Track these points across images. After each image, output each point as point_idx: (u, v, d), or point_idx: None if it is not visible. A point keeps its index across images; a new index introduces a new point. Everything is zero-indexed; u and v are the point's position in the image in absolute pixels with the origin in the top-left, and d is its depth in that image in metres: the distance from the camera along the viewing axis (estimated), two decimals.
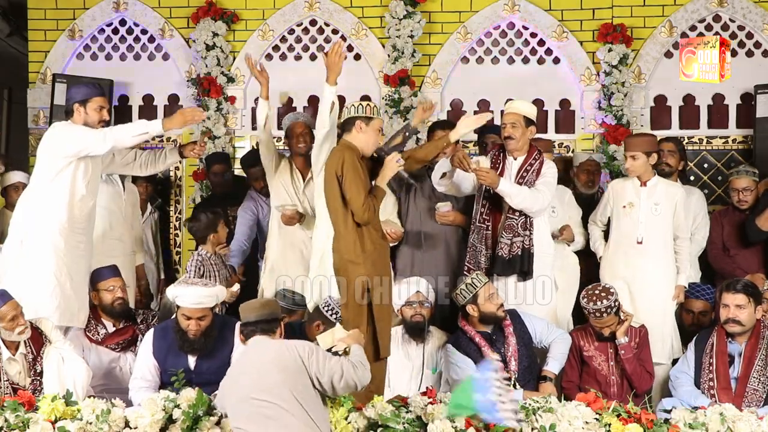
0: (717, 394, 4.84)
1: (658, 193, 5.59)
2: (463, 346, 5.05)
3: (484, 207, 5.38)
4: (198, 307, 4.76)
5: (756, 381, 4.84)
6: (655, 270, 5.53)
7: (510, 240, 5.28)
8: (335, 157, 4.81)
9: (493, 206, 5.37)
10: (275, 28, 7.28)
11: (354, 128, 4.83)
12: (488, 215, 5.37)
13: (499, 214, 5.35)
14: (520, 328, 5.11)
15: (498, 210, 5.36)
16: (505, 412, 3.90)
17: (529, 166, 5.36)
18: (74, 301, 5.14)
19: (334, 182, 4.75)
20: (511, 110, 5.38)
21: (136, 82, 7.40)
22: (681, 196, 5.63)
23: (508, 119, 5.36)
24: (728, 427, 4.26)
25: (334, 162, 4.77)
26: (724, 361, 4.92)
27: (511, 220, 5.30)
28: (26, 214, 5.17)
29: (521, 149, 5.38)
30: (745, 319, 4.89)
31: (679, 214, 5.60)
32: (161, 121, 5.17)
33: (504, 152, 5.44)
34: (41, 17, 7.43)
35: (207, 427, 4.23)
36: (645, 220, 5.55)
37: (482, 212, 5.38)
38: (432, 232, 5.68)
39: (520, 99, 5.76)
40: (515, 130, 5.32)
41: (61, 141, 5.11)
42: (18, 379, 4.73)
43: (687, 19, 7.07)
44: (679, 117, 7.14)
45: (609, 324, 5.08)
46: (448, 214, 5.59)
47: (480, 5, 7.18)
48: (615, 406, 4.32)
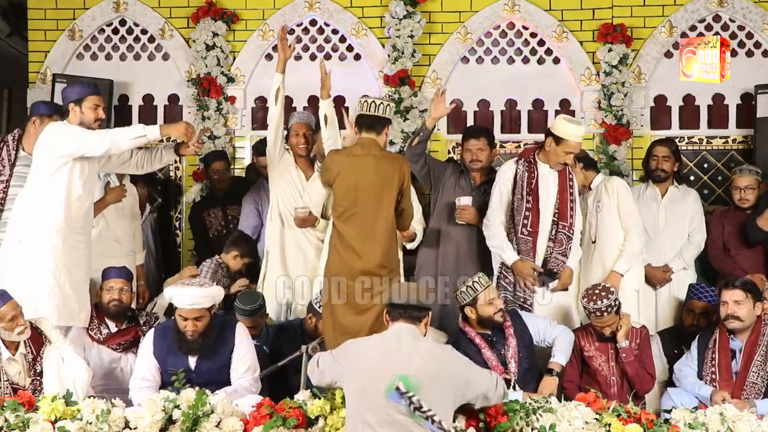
0: (719, 385, 4.95)
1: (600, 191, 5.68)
2: (463, 347, 5.03)
3: (527, 219, 5.42)
4: (194, 307, 4.75)
5: (755, 375, 4.94)
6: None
7: (561, 252, 5.40)
8: (402, 165, 4.89)
9: (535, 219, 5.43)
10: (275, 28, 7.25)
11: (384, 131, 4.91)
12: (531, 227, 5.42)
13: (538, 225, 5.42)
14: (521, 328, 5.11)
15: (538, 222, 5.42)
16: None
17: (570, 181, 5.49)
18: (74, 301, 5.14)
19: (394, 189, 4.81)
20: (578, 141, 5.45)
21: (136, 82, 7.39)
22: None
23: (576, 149, 5.45)
24: (728, 427, 4.26)
25: (402, 170, 4.84)
26: (726, 355, 5.01)
27: (561, 234, 5.40)
28: (24, 214, 5.17)
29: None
30: (743, 314, 4.97)
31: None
32: (159, 127, 5.20)
33: (537, 163, 5.49)
34: (41, 17, 7.43)
35: (207, 428, 4.23)
36: (592, 219, 5.66)
37: (525, 224, 5.42)
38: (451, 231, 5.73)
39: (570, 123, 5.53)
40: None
41: (57, 141, 5.11)
42: (18, 379, 4.73)
43: (687, 19, 7.07)
44: (679, 117, 7.14)
45: (610, 323, 5.08)
46: (467, 207, 5.60)
47: (480, 5, 7.18)
48: (615, 406, 4.32)
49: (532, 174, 5.47)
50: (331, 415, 4.26)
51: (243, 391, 4.76)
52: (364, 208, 4.82)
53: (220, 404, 4.33)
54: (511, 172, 5.53)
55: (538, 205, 5.44)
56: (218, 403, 4.33)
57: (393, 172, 4.81)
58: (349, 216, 4.84)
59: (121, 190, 5.86)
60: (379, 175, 4.81)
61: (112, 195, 5.82)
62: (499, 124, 7.17)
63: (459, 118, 7.10)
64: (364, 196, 4.82)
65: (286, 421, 4.20)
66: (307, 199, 5.79)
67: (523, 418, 4.17)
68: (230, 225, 6.42)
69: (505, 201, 5.52)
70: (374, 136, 4.89)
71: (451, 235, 5.77)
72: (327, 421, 4.25)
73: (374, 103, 4.90)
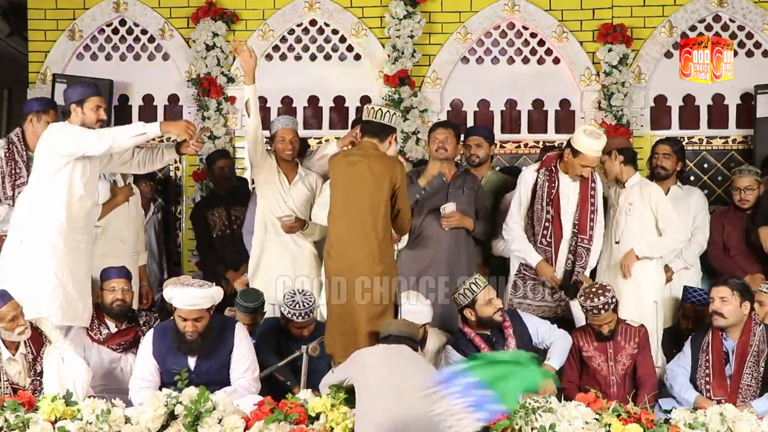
0: (712, 389, 4.91)
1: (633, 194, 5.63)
2: (463, 347, 5.04)
3: (547, 230, 5.42)
4: (194, 308, 4.75)
5: (749, 377, 4.92)
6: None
7: (582, 264, 5.41)
8: (394, 165, 4.85)
9: (557, 230, 5.42)
10: (275, 28, 7.27)
11: (388, 139, 4.89)
12: (551, 237, 5.42)
13: (560, 236, 5.41)
14: (520, 328, 5.11)
15: (559, 233, 5.42)
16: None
17: (592, 191, 5.44)
18: (77, 301, 5.14)
19: (385, 189, 4.78)
20: (596, 156, 5.39)
21: (136, 82, 7.40)
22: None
23: (593, 163, 5.39)
24: (728, 427, 4.25)
25: (394, 170, 4.81)
26: (719, 357, 4.98)
27: (581, 247, 5.41)
28: (25, 214, 5.17)
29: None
30: (727, 311, 4.95)
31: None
32: (159, 124, 5.20)
33: (558, 172, 5.46)
34: (41, 17, 7.43)
35: (209, 423, 4.23)
36: (620, 218, 5.60)
37: (545, 234, 5.43)
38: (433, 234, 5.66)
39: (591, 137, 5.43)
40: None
41: (58, 141, 5.12)
42: (18, 379, 4.73)
43: (687, 19, 7.07)
44: (679, 117, 7.14)
45: (607, 321, 5.08)
46: (453, 214, 5.59)
47: (480, 5, 7.18)
48: (615, 406, 4.32)
49: (553, 184, 5.45)
50: (331, 411, 4.27)
51: (243, 391, 4.76)
52: (356, 208, 4.82)
53: (221, 402, 4.33)
54: (531, 179, 5.51)
55: (560, 215, 5.42)
56: (220, 400, 4.34)
57: (385, 172, 4.80)
58: (341, 217, 4.85)
59: (129, 190, 5.88)
60: (372, 174, 4.81)
61: (121, 195, 5.84)
62: (499, 124, 7.17)
63: (459, 118, 7.09)
64: (357, 197, 4.82)
65: (288, 417, 4.21)
66: (291, 203, 5.78)
67: (522, 417, 4.17)
68: (233, 225, 6.41)
69: (524, 206, 5.52)
70: (377, 141, 4.90)
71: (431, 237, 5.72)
72: (328, 417, 4.27)
73: (381, 110, 4.90)
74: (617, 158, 5.63)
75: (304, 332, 5.17)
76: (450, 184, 5.68)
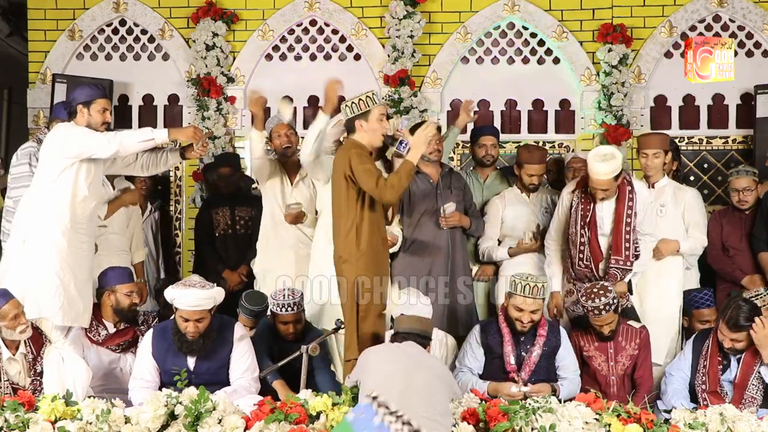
0: (708, 397, 4.86)
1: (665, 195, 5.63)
2: (490, 332, 5.08)
3: (582, 252, 5.39)
4: (196, 309, 4.75)
5: (755, 388, 4.84)
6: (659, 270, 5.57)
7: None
8: (342, 158, 4.79)
9: (596, 253, 5.38)
10: (275, 28, 7.28)
11: (356, 128, 4.85)
12: (588, 261, 5.39)
13: (599, 258, 5.38)
14: (552, 346, 5.08)
15: (599, 255, 5.38)
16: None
17: (629, 209, 5.34)
18: (78, 301, 5.14)
19: (341, 182, 4.75)
20: (604, 179, 5.26)
21: (136, 82, 7.40)
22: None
23: (603, 186, 5.28)
24: (728, 428, 4.25)
25: (342, 163, 4.76)
26: (715, 365, 4.91)
27: (613, 269, 5.35)
28: (28, 214, 5.17)
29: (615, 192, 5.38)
30: (741, 346, 4.86)
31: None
32: (168, 131, 5.20)
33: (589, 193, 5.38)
34: (41, 17, 7.43)
35: (209, 423, 4.23)
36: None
37: (581, 258, 5.40)
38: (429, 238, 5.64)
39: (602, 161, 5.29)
40: (611, 189, 5.29)
41: (65, 142, 5.11)
42: (18, 379, 4.73)
43: (687, 19, 7.08)
44: (679, 117, 7.15)
45: (608, 322, 5.08)
46: (454, 214, 5.59)
47: (480, 5, 7.19)
48: (615, 406, 4.31)
49: (588, 206, 5.40)
50: (332, 411, 4.27)
51: (242, 391, 4.76)
52: (333, 205, 4.87)
53: (221, 402, 4.33)
54: (567, 200, 5.50)
55: (597, 238, 5.38)
56: (220, 400, 4.34)
57: (340, 163, 4.77)
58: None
59: (137, 193, 5.90)
60: (334, 172, 4.85)
61: (129, 196, 5.85)
62: (499, 124, 7.17)
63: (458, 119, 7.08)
64: (332, 195, 4.87)
65: (288, 417, 4.21)
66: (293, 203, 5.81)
67: (522, 418, 4.17)
68: (236, 225, 6.40)
69: (563, 226, 5.51)
70: (351, 136, 4.89)
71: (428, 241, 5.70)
72: (328, 417, 4.27)
73: (347, 106, 4.87)
74: (667, 155, 5.63)
75: (290, 328, 5.15)
76: (437, 184, 5.68)
